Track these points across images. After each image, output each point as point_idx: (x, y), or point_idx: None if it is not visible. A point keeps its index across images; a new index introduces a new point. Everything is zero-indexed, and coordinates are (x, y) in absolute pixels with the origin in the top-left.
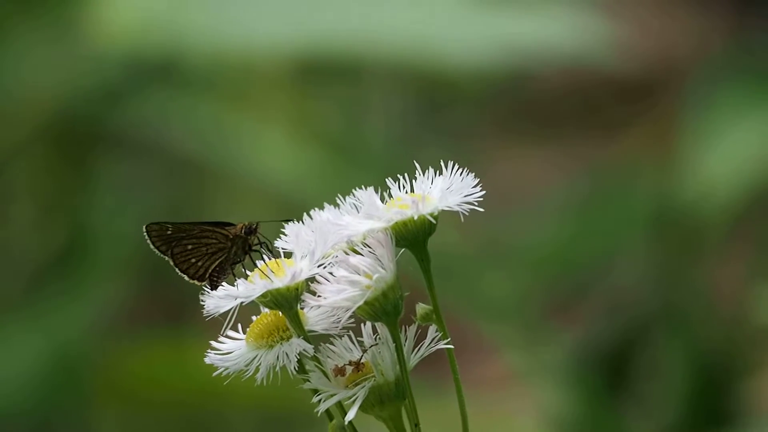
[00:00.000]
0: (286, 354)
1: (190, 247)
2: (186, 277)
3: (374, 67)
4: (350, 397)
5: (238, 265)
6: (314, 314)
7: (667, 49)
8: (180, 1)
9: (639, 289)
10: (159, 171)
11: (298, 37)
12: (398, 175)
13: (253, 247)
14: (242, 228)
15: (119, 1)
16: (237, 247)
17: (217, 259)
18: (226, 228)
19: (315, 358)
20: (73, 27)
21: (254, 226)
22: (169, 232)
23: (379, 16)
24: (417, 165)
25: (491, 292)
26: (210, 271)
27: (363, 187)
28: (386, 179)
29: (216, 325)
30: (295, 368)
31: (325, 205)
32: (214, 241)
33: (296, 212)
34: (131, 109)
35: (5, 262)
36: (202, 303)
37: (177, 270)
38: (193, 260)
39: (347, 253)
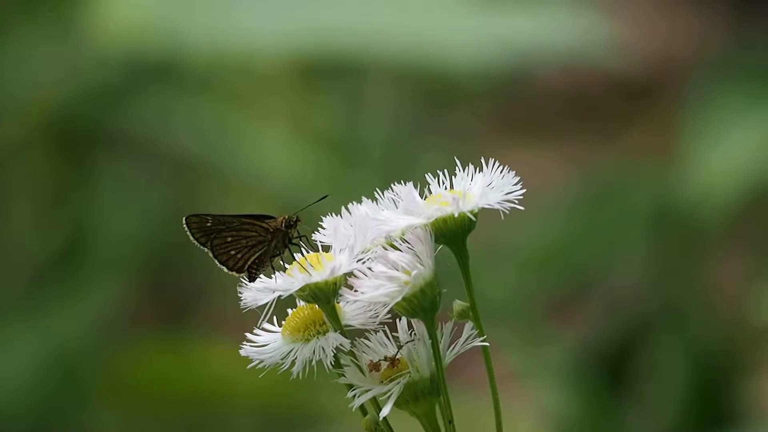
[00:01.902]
0: (323, 348)
1: (229, 239)
2: (225, 269)
3: (374, 66)
4: (385, 393)
5: (276, 258)
6: (351, 309)
7: (668, 48)
8: (180, 1)
9: (639, 289)
10: (159, 171)
11: (298, 37)
12: (397, 175)
13: (293, 240)
14: (283, 221)
15: (119, 1)
16: (277, 241)
17: (257, 251)
18: (266, 221)
19: (351, 353)
20: (73, 27)
21: (294, 220)
22: (208, 224)
23: (378, 16)
24: (417, 165)
25: (492, 292)
26: (249, 263)
27: (363, 186)
28: (385, 179)
29: (218, 327)
30: (331, 363)
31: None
32: (254, 234)
33: (296, 212)
34: (131, 109)
35: (5, 262)
36: (240, 295)
37: (216, 261)
38: (233, 252)
39: (386, 249)
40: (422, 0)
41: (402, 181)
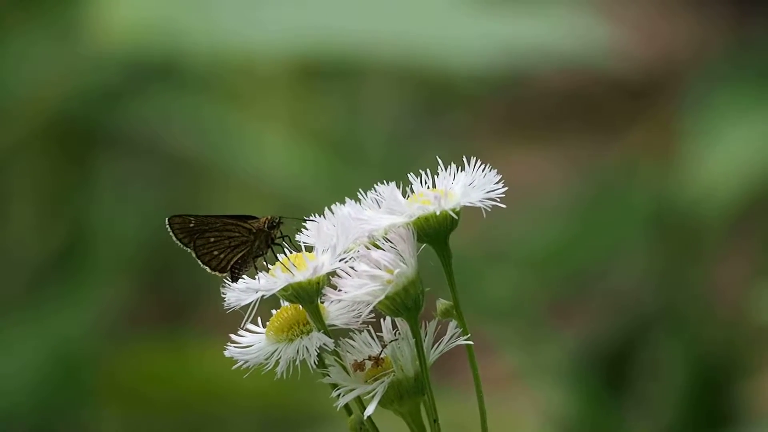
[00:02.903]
0: (306, 348)
1: (212, 239)
2: (208, 269)
3: (373, 67)
4: (369, 392)
5: (259, 258)
6: (335, 308)
7: (668, 49)
8: (180, 1)
9: (639, 290)
10: (159, 171)
11: (298, 38)
12: (397, 175)
13: (276, 241)
14: (266, 222)
15: (120, 1)
16: (260, 241)
17: (240, 252)
18: (249, 222)
19: (335, 353)
20: (73, 27)
21: (277, 221)
22: (191, 225)
23: (378, 17)
24: (417, 165)
25: (492, 292)
26: (232, 263)
27: (362, 187)
28: (385, 179)
29: (217, 326)
30: (315, 362)
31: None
32: (237, 234)
33: (295, 212)
34: (131, 108)
35: (5, 262)
36: (223, 295)
37: (199, 262)
38: (216, 252)
39: (368, 248)
40: (422, 1)
41: (401, 182)
